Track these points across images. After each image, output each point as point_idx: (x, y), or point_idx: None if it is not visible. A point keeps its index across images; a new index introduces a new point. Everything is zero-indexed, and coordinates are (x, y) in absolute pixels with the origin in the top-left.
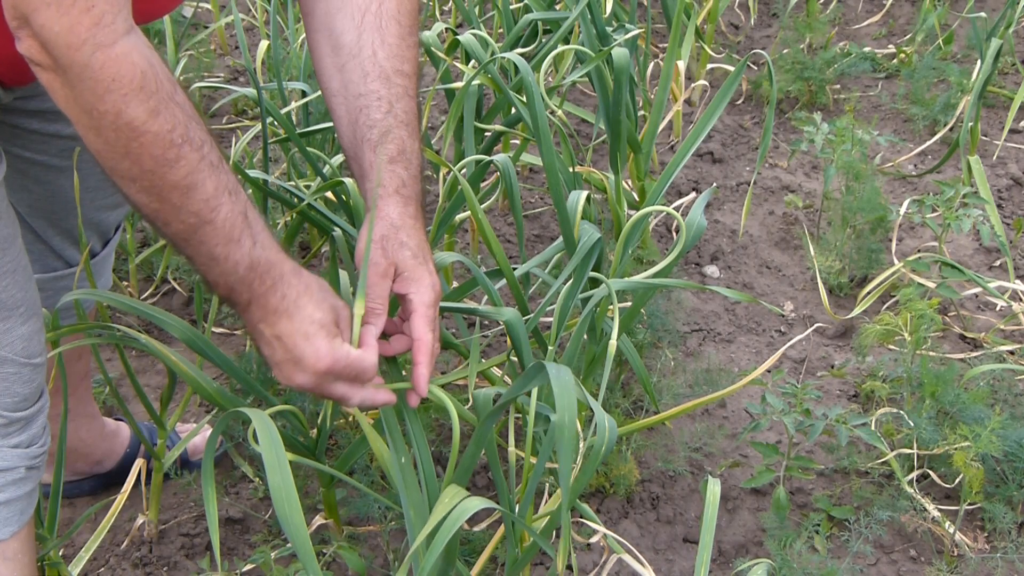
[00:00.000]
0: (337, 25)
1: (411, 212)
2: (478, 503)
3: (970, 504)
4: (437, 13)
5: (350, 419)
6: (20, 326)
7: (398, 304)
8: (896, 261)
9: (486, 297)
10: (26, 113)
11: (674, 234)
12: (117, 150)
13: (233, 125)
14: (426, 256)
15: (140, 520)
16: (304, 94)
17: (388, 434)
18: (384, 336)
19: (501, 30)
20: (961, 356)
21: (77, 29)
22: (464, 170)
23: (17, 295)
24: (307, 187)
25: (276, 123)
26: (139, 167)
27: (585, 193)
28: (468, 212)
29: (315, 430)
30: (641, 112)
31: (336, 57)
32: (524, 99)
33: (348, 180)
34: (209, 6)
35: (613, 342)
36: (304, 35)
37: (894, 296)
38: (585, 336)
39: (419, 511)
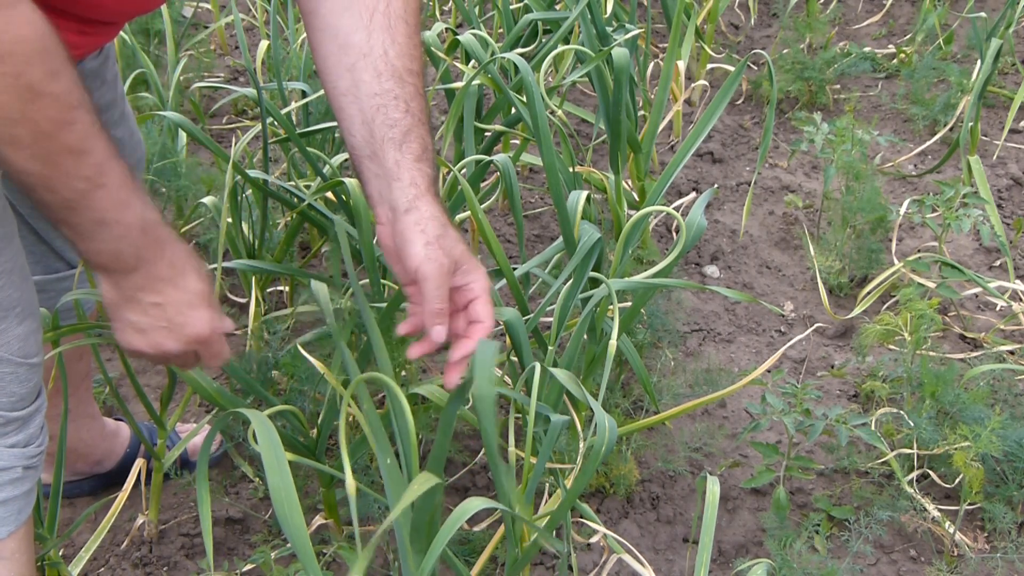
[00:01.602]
0: (344, 24)
1: (443, 208)
2: (478, 503)
3: (970, 504)
4: (437, 13)
5: (350, 419)
6: (16, 326)
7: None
8: (896, 261)
9: None
10: None
11: (674, 234)
12: (11, 115)
13: (233, 125)
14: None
15: (140, 520)
16: (304, 94)
17: (372, 435)
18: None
19: (501, 30)
20: (961, 356)
21: None
22: (464, 170)
23: (13, 295)
24: (307, 187)
25: (276, 123)
26: (34, 131)
27: (585, 193)
28: (468, 212)
29: (315, 430)
30: (641, 112)
31: (344, 56)
32: (524, 99)
33: (348, 180)
34: (209, 6)
35: (613, 342)
36: (304, 35)
37: (894, 296)
38: (585, 336)
39: (404, 511)
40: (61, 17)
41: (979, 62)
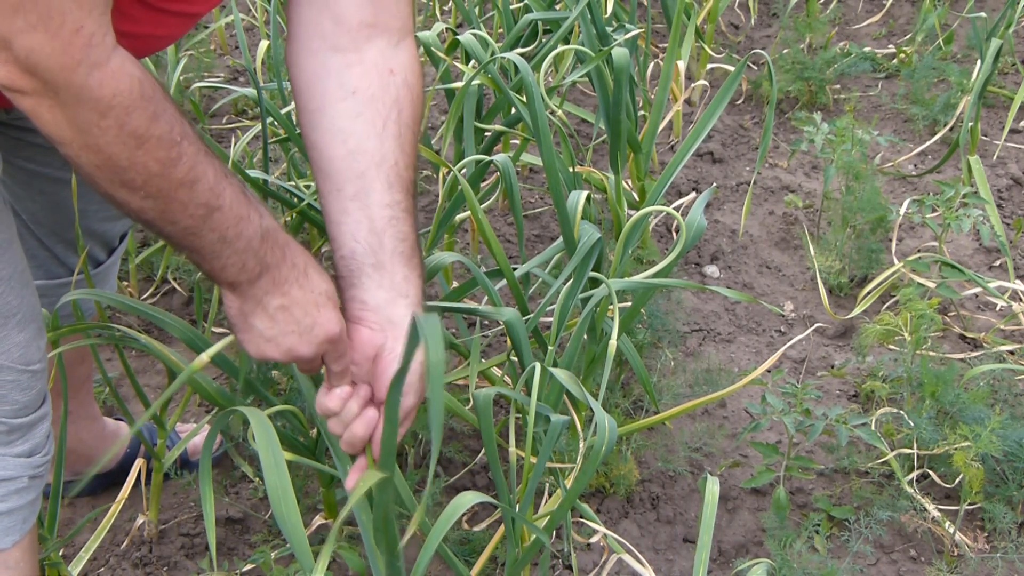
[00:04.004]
0: (357, 130)
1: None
2: (473, 497)
3: (970, 504)
4: (437, 13)
5: None
6: (17, 333)
7: None
8: (896, 261)
9: (486, 297)
10: (29, 129)
11: (674, 234)
12: (121, 163)
13: (233, 125)
14: None
15: (140, 520)
16: None
17: (328, 442)
18: None
19: (501, 30)
20: (961, 356)
21: (71, 50)
22: (464, 170)
23: (13, 302)
24: (307, 187)
25: (276, 123)
26: (145, 174)
27: (585, 193)
28: (468, 212)
29: (315, 430)
30: (641, 112)
31: (355, 163)
32: (524, 99)
33: None
34: None
35: (613, 342)
36: None
37: (894, 296)
38: (585, 336)
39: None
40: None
41: (979, 62)
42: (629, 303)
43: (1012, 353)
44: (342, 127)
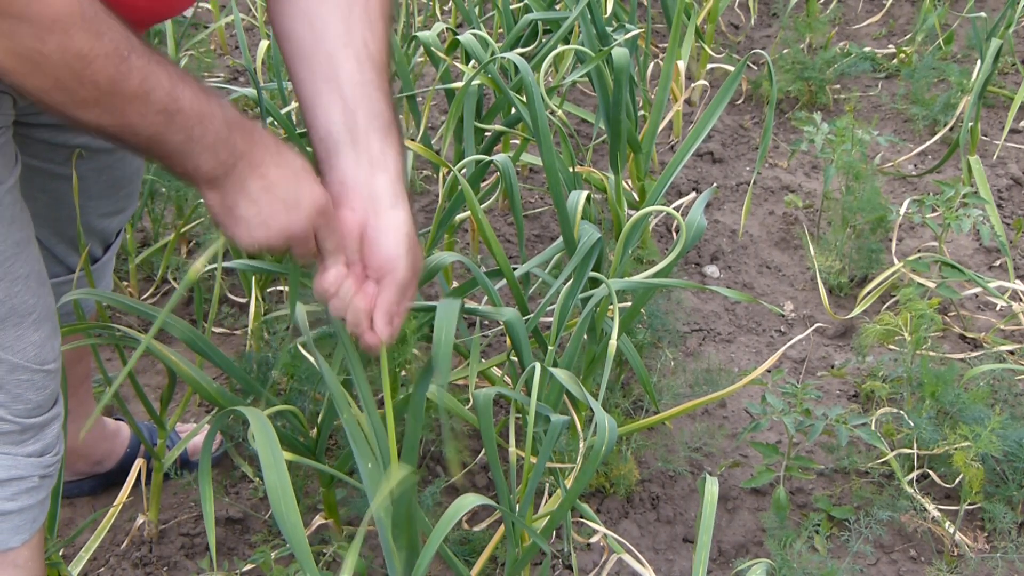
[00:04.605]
0: (323, 12)
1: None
2: (474, 499)
3: (970, 504)
4: (437, 13)
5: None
6: (33, 332)
7: None
8: (896, 261)
9: (486, 297)
10: (36, 124)
11: (674, 234)
12: (70, 84)
13: None
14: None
15: (140, 520)
16: None
17: (352, 440)
18: None
19: (501, 30)
20: (961, 356)
21: None
22: (464, 170)
23: (29, 301)
24: None
25: (276, 123)
26: (96, 91)
27: (585, 193)
28: (468, 212)
29: (315, 430)
30: (641, 112)
31: (323, 43)
32: (524, 99)
33: None
34: (209, 6)
35: (613, 342)
36: None
37: (894, 296)
38: (585, 336)
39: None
40: None
41: (979, 62)
42: (629, 303)
43: (1012, 353)
44: (308, 10)
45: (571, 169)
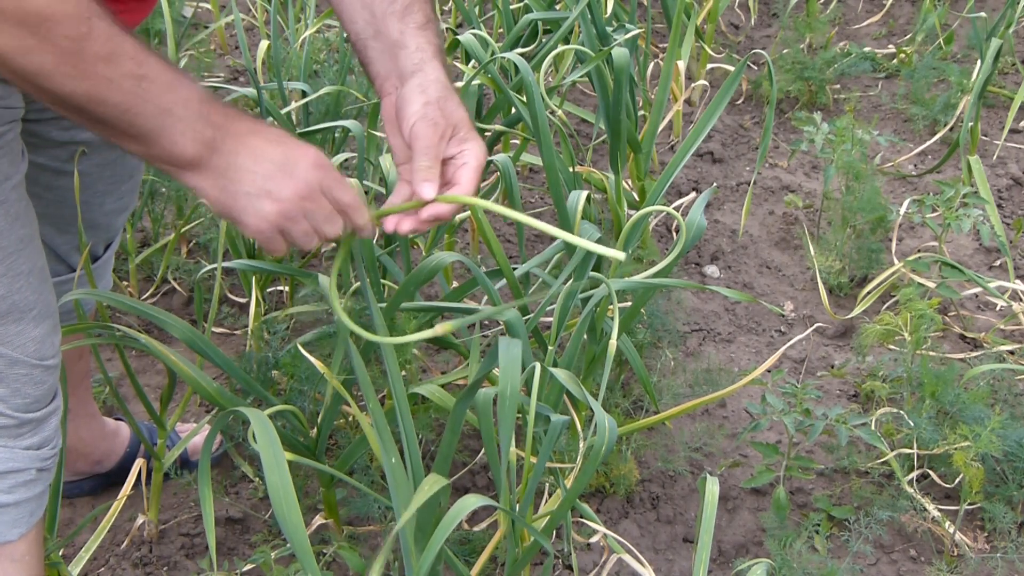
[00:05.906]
0: None
1: (448, 74)
2: (476, 500)
3: (970, 504)
4: (438, 13)
5: (350, 419)
6: (33, 328)
7: None
8: (896, 261)
9: (486, 297)
10: (43, 121)
11: (674, 234)
12: (27, 45)
13: None
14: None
15: (140, 520)
16: (304, 94)
17: (378, 434)
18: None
19: (501, 30)
20: (961, 356)
21: None
22: None
23: (31, 297)
24: None
25: (276, 123)
26: (56, 54)
27: (585, 193)
28: (468, 212)
29: (315, 430)
30: (641, 112)
31: None
32: (524, 99)
33: (349, 181)
34: (209, 6)
35: (613, 342)
36: (304, 35)
37: (894, 296)
38: (585, 336)
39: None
40: None
41: (979, 62)
42: (629, 303)
43: (1012, 353)
44: None
45: (571, 169)
